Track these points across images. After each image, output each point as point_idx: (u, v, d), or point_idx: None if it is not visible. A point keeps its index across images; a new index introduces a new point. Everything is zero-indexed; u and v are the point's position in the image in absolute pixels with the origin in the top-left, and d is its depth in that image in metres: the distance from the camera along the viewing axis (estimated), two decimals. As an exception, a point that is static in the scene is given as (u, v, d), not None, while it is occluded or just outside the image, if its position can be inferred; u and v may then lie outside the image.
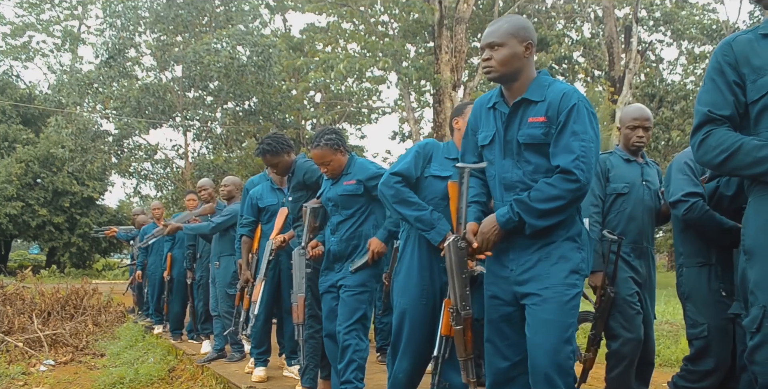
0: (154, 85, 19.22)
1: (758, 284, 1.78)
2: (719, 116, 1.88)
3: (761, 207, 1.82)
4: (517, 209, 2.16)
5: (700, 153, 1.92)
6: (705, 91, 1.95)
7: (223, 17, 20.37)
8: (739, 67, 1.87)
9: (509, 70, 2.25)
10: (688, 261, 2.91)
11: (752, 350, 1.80)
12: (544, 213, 2.13)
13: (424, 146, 2.97)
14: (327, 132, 3.46)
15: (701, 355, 2.83)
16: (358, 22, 18.54)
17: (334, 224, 3.47)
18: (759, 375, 1.79)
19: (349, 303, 3.36)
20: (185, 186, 18.82)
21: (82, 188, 21.72)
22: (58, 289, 9.03)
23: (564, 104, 2.17)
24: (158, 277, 7.63)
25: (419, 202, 2.78)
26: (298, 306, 3.59)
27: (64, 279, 15.58)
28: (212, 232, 5.48)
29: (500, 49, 2.24)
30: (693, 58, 21.00)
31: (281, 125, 20.06)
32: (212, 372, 5.07)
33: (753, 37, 1.89)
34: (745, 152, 1.80)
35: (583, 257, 2.21)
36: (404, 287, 2.87)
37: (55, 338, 7.40)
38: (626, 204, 3.18)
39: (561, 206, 2.13)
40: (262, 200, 4.57)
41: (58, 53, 26.95)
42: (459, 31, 14.86)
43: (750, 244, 1.83)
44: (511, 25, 2.27)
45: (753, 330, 1.78)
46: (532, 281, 2.19)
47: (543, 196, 2.14)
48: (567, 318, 2.13)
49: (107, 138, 19.87)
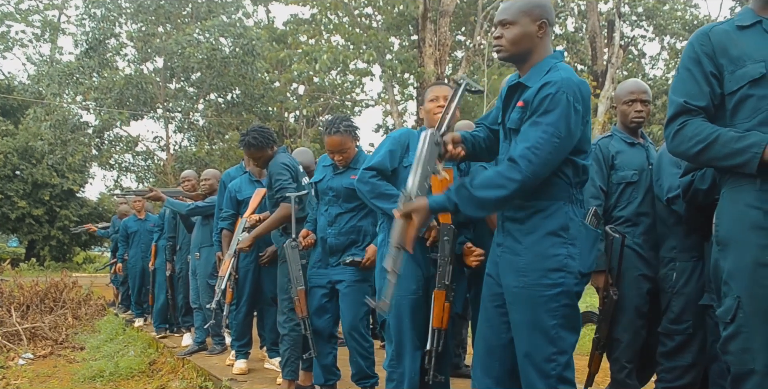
0: (136, 76, 19.02)
1: (732, 275, 1.79)
2: (695, 107, 1.87)
3: (735, 198, 1.83)
4: (455, 198, 2.02)
5: (674, 143, 1.91)
6: (680, 80, 1.93)
7: (205, 8, 20.18)
8: (717, 58, 1.87)
9: (520, 50, 2.12)
10: (682, 256, 2.86)
11: (726, 340, 1.80)
12: (481, 202, 2.00)
13: (398, 137, 2.91)
14: (344, 119, 3.36)
15: (680, 350, 2.82)
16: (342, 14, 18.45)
17: (332, 215, 3.40)
18: (732, 365, 1.80)
19: (352, 296, 3.31)
20: (167, 179, 18.69)
21: (62, 181, 21.44)
22: (38, 282, 8.94)
23: (543, 91, 2.01)
24: (138, 269, 7.59)
25: (398, 193, 2.69)
26: (299, 300, 3.50)
27: (44, 272, 15.41)
28: (188, 213, 5.42)
29: (512, 28, 2.10)
30: (675, 53, 21.13)
31: (264, 117, 19.95)
32: (193, 364, 5.06)
33: (729, 28, 1.89)
34: (723, 143, 1.79)
35: (571, 253, 2.03)
36: (403, 289, 2.70)
37: (34, 331, 7.34)
38: (636, 193, 3.00)
39: (501, 197, 1.99)
40: (241, 193, 4.54)
41: (37, 43, 26.55)
42: (443, 25, 14.84)
43: (724, 234, 1.84)
44: (525, 1, 2.11)
45: (727, 320, 1.78)
46: (510, 274, 2.10)
47: (485, 183, 2.01)
48: (545, 321, 2.02)
49: (87, 130, 19.64)
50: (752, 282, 1.74)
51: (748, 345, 1.74)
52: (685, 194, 2.57)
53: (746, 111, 1.82)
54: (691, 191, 2.51)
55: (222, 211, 4.64)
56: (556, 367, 2.03)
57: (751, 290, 1.74)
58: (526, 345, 2.06)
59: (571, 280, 2.04)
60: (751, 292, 1.74)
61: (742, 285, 1.76)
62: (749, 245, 1.76)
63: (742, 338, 1.75)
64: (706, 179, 2.43)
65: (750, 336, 1.73)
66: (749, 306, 1.74)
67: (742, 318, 1.75)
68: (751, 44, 1.83)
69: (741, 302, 1.75)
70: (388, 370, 2.77)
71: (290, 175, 3.80)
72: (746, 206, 1.79)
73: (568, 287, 2.04)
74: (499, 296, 2.17)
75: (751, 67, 1.80)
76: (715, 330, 2.65)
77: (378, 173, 2.80)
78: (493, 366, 2.21)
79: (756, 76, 1.79)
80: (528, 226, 2.09)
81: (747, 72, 1.81)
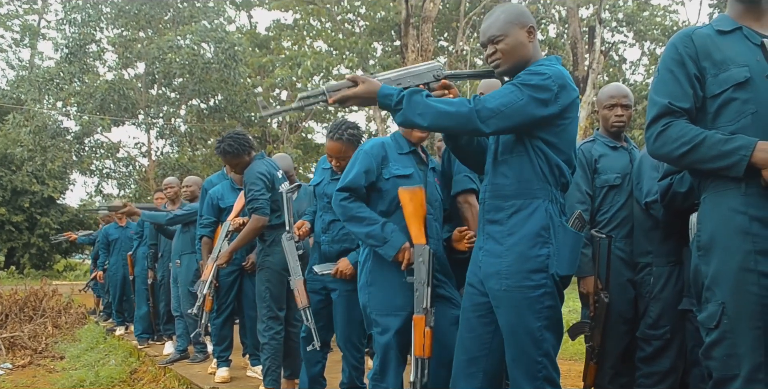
0: (117, 82, 18.88)
1: (715, 280, 1.78)
2: (679, 108, 1.86)
3: (718, 202, 1.82)
4: (405, 94, 2.03)
5: (657, 145, 1.88)
6: (662, 81, 1.92)
7: (186, 13, 20.09)
8: (700, 61, 1.87)
9: (517, 59, 2.15)
10: (658, 260, 2.86)
11: (709, 346, 1.79)
12: (425, 108, 2.00)
13: (371, 150, 2.77)
14: (351, 126, 3.27)
15: (658, 355, 2.82)
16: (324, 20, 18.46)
17: (326, 222, 3.34)
18: (714, 371, 1.79)
19: (344, 305, 3.22)
20: (148, 185, 18.54)
21: (42, 187, 21.18)
22: (17, 291, 8.82)
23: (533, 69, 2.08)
24: (119, 277, 7.51)
25: (369, 216, 2.65)
26: (299, 291, 3.41)
27: (24, 280, 15.20)
28: (168, 223, 5.38)
29: (503, 40, 2.13)
30: (655, 58, 21.38)
31: (246, 122, 19.89)
32: (175, 373, 5.00)
33: (710, 32, 1.90)
34: (709, 145, 1.78)
35: (551, 253, 2.04)
36: (388, 305, 2.63)
37: (12, 341, 7.23)
38: (619, 196, 2.99)
39: (444, 111, 2.00)
40: (224, 201, 4.49)
41: (16, 48, 26.27)
42: (425, 30, 14.90)
43: (706, 239, 1.83)
44: (507, 13, 2.16)
45: (711, 326, 1.77)
46: (493, 277, 2.09)
47: (441, 101, 2.03)
48: (530, 323, 2.03)
49: (68, 136, 19.45)
50: (737, 288, 1.73)
51: (733, 350, 1.73)
52: (663, 197, 2.57)
53: (729, 114, 1.82)
54: (669, 194, 2.51)
55: (202, 218, 4.60)
56: (542, 369, 2.04)
57: (736, 296, 1.73)
58: (514, 347, 2.07)
59: (550, 280, 2.04)
60: (735, 298, 1.73)
61: (727, 291, 1.74)
62: (734, 250, 1.75)
63: (727, 344, 1.74)
64: (685, 182, 2.42)
65: (735, 341, 1.72)
66: (734, 311, 1.73)
67: (726, 323, 1.73)
68: (733, 49, 1.85)
69: (725, 308, 1.73)
70: (371, 384, 2.72)
71: (264, 184, 3.77)
72: (730, 210, 1.78)
73: (551, 288, 2.04)
74: (482, 305, 2.17)
75: (735, 71, 1.81)
76: (695, 334, 2.66)
77: (351, 194, 2.72)
78: (477, 376, 2.19)
79: (740, 80, 1.80)
80: (508, 227, 2.09)
81: (731, 75, 1.82)
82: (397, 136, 2.84)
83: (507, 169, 2.14)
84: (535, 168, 2.08)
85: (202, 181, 5.51)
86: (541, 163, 2.08)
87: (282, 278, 3.78)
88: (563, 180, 2.13)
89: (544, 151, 2.08)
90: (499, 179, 2.16)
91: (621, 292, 2.94)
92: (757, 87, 1.79)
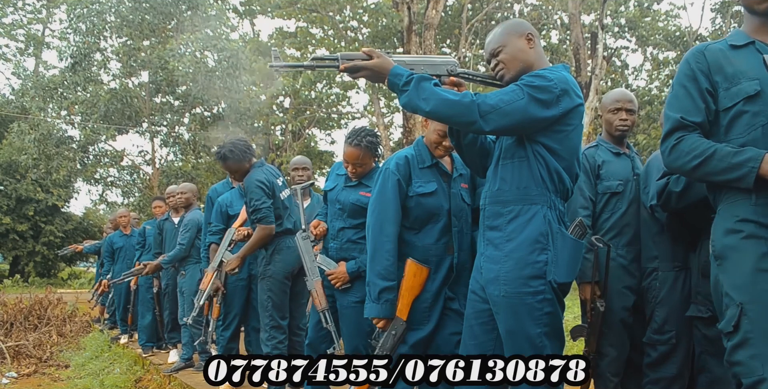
0: (121, 90, 18.94)
1: (733, 285, 1.81)
2: (691, 123, 1.91)
3: (729, 212, 1.86)
4: (415, 77, 2.08)
5: (671, 158, 1.94)
6: (676, 97, 1.97)
7: (189, 22, 20.17)
8: (712, 75, 1.92)
9: (520, 66, 2.20)
10: (664, 265, 2.86)
11: (732, 350, 1.80)
12: (430, 94, 2.04)
13: (396, 171, 2.72)
14: (370, 134, 3.23)
15: (664, 360, 2.82)
16: (327, 28, 18.52)
17: (335, 229, 3.30)
18: (742, 376, 1.77)
19: (350, 317, 3.19)
20: (152, 193, 18.57)
21: (47, 196, 21.25)
22: (22, 299, 8.84)
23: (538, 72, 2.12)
24: (124, 286, 7.51)
25: (391, 268, 2.63)
26: (317, 292, 3.38)
27: (28, 289, 15.22)
28: (186, 252, 5.43)
29: (504, 50, 2.21)
30: (657, 64, 21.41)
31: (250, 130, 19.92)
32: (180, 381, 5.00)
33: (723, 47, 1.95)
34: (719, 158, 1.83)
35: (549, 260, 2.05)
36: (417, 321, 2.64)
37: (17, 349, 7.24)
38: (621, 203, 2.99)
39: (446, 99, 2.02)
40: (233, 208, 4.50)
41: (21, 58, 26.41)
42: (428, 37, 14.94)
43: (720, 248, 1.87)
44: (504, 26, 2.26)
45: (730, 329, 1.78)
46: (492, 283, 2.11)
47: (446, 91, 2.06)
48: (530, 329, 2.04)
49: (72, 144, 19.50)
50: (754, 287, 1.76)
51: (757, 350, 1.74)
52: (659, 197, 2.60)
53: (740, 127, 1.87)
54: (665, 193, 2.54)
55: (211, 225, 4.61)
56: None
57: (754, 296, 1.76)
58: (514, 353, 2.08)
59: (548, 286, 2.05)
60: (753, 297, 1.76)
61: (745, 292, 1.77)
62: (746, 253, 1.79)
63: (750, 344, 1.75)
64: (680, 182, 2.46)
65: (757, 341, 1.74)
66: (753, 311, 1.75)
67: (747, 323, 1.75)
68: (745, 63, 1.89)
69: (744, 308, 1.76)
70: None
71: (263, 192, 3.77)
72: (740, 219, 1.82)
73: (549, 295, 2.05)
74: (484, 312, 2.19)
75: (746, 85, 1.85)
76: (702, 341, 2.67)
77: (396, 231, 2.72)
78: None
79: (751, 93, 1.84)
80: (507, 233, 2.11)
81: (742, 89, 1.86)
82: (420, 147, 2.79)
83: (507, 174, 2.16)
84: (534, 174, 2.10)
85: (197, 188, 5.56)
86: (540, 168, 2.10)
87: (284, 287, 3.77)
88: (563, 187, 2.14)
89: (545, 156, 2.10)
90: (499, 185, 2.18)
91: (620, 299, 2.93)
92: (767, 100, 1.82)
